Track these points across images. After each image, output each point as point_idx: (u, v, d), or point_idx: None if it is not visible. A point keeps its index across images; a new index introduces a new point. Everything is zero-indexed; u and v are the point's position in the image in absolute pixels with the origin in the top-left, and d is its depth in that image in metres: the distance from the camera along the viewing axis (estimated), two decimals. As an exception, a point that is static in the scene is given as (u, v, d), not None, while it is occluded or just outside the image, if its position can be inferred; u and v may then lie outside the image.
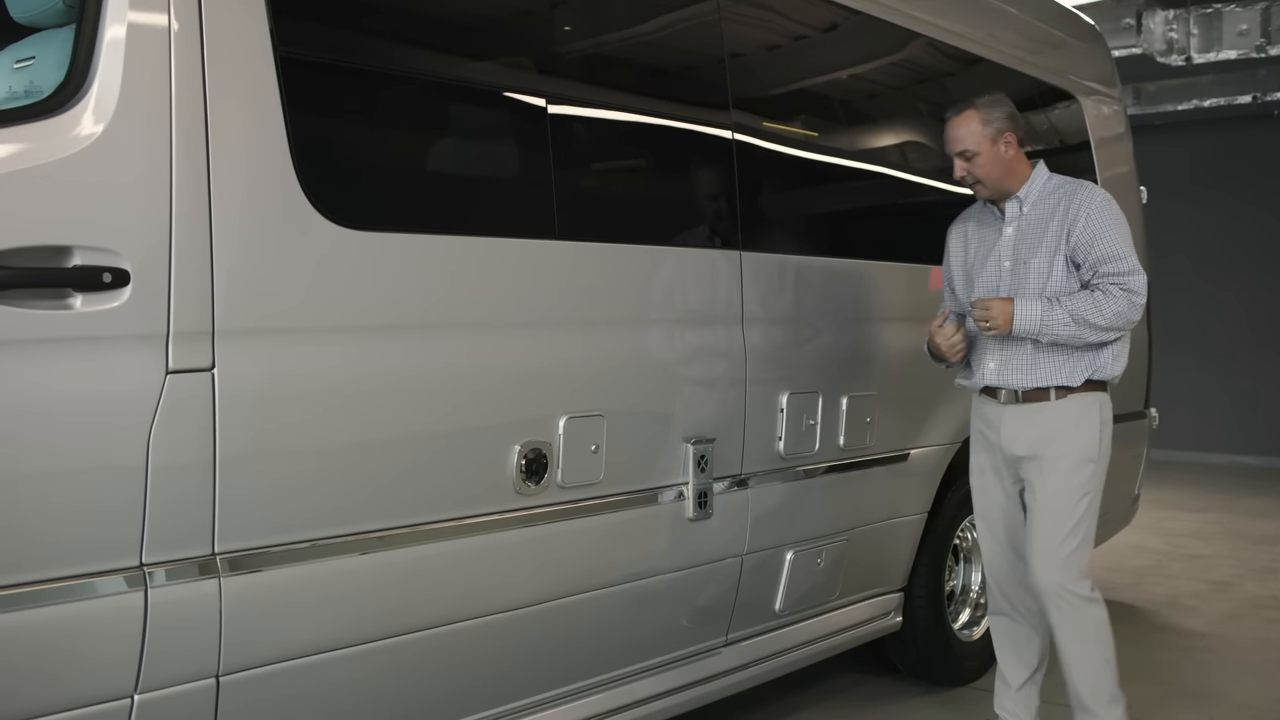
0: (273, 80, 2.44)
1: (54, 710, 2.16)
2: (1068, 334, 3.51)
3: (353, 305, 2.57)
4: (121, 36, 2.23)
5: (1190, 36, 8.99)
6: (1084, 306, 3.49)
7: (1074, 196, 3.61)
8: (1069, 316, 3.49)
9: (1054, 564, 3.59)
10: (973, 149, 3.61)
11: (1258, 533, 8.24)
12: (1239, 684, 4.81)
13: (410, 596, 2.72)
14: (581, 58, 3.32)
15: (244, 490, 2.38)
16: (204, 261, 2.31)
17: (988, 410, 3.76)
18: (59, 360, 2.13)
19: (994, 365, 3.68)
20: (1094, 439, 3.63)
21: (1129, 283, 3.50)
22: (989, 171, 3.64)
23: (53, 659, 2.15)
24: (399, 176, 2.81)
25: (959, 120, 3.64)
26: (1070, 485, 3.60)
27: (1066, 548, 3.58)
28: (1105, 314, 3.48)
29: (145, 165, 2.24)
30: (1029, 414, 3.65)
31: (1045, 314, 3.50)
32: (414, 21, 2.86)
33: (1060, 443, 3.60)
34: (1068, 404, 3.61)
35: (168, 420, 2.25)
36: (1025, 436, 3.65)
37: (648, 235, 3.34)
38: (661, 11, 3.50)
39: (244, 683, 2.42)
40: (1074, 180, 3.72)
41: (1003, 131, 3.63)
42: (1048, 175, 3.71)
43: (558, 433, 2.95)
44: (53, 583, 2.13)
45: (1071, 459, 3.60)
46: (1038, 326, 3.51)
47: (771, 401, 3.63)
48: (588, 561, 3.13)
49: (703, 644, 3.60)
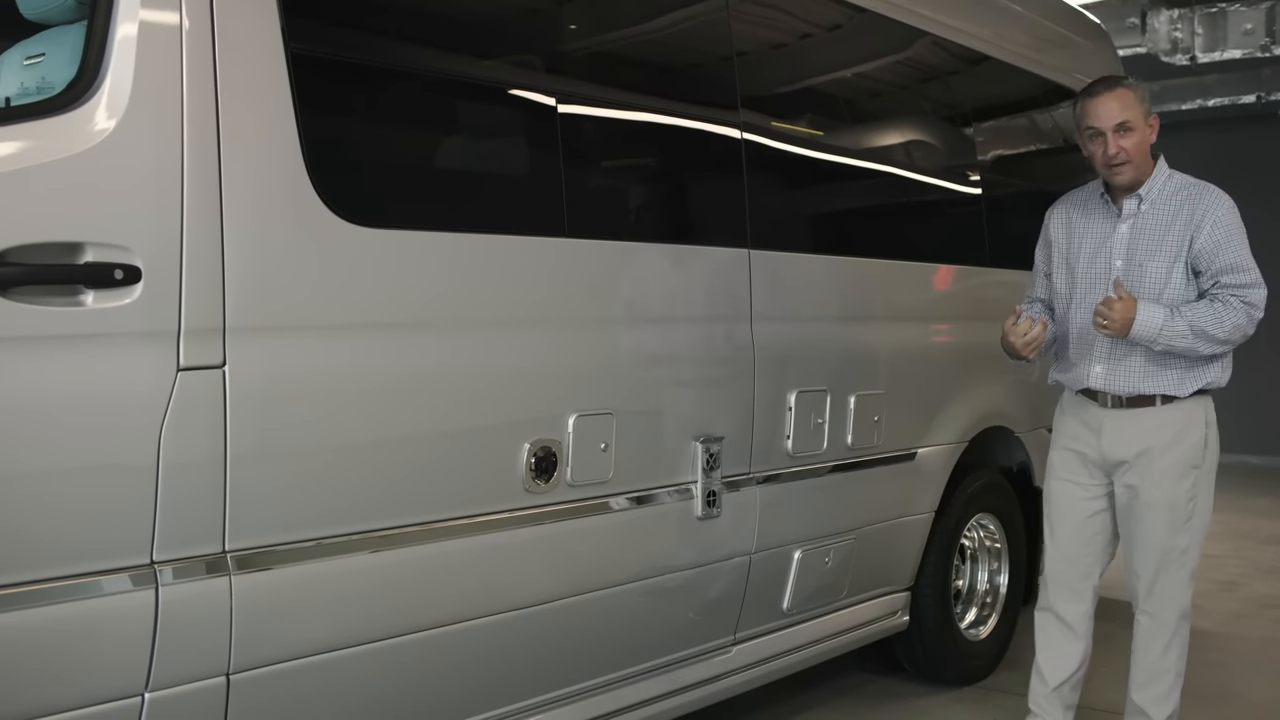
0: (284, 77, 2.43)
1: (66, 708, 2.15)
2: (1184, 345, 3.39)
3: (364, 303, 2.56)
4: (133, 33, 2.23)
5: (1195, 36, 8.98)
6: (1204, 318, 3.39)
7: (1200, 200, 3.49)
8: (1188, 328, 3.38)
9: (1156, 570, 3.54)
10: (1132, 121, 3.43)
11: (1264, 532, 8.24)
12: (1249, 683, 4.81)
13: (420, 595, 2.72)
14: (590, 55, 3.31)
15: (254, 488, 2.38)
16: (215, 258, 2.31)
17: (1086, 412, 3.63)
18: (70, 357, 2.12)
19: (1101, 369, 3.55)
20: (1199, 445, 3.54)
21: (1250, 295, 3.42)
22: (1141, 151, 3.48)
23: (64, 657, 2.15)
24: (411, 174, 2.81)
25: (1115, 94, 3.45)
26: (1177, 493, 3.51)
27: (1172, 555, 3.53)
28: (1225, 327, 3.39)
29: (157, 162, 2.24)
30: (1133, 418, 3.54)
31: (1166, 322, 3.37)
32: (424, 20, 2.86)
33: (1167, 449, 3.51)
34: (1174, 409, 3.51)
35: (179, 417, 2.25)
36: (1129, 441, 3.54)
37: (657, 233, 3.34)
38: (670, 9, 3.50)
39: (254, 681, 2.42)
40: (1198, 182, 3.57)
41: (1150, 112, 3.50)
42: (1169, 173, 3.57)
43: (567, 431, 2.94)
44: (64, 580, 2.13)
45: (1179, 466, 3.51)
46: (1156, 334, 3.38)
47: (780, 400, 3.63)
48: (597, 560, 3.12)
49: (711, 642, 3.59)
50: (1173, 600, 3.56)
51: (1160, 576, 3.56)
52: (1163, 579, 3.56)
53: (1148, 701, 3.64)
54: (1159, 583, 3.56)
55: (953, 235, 4.71)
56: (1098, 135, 3.47)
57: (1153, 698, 3.63)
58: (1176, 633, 3.58)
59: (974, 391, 4.55)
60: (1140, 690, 3.65)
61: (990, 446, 4.75)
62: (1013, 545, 4.93)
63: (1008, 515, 4.90)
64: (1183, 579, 3.56)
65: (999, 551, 4.95)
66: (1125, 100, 3.43)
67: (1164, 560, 3.54)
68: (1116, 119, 3.43)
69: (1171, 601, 3.56)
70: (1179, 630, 3.59)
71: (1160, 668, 3.60)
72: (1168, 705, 3.63)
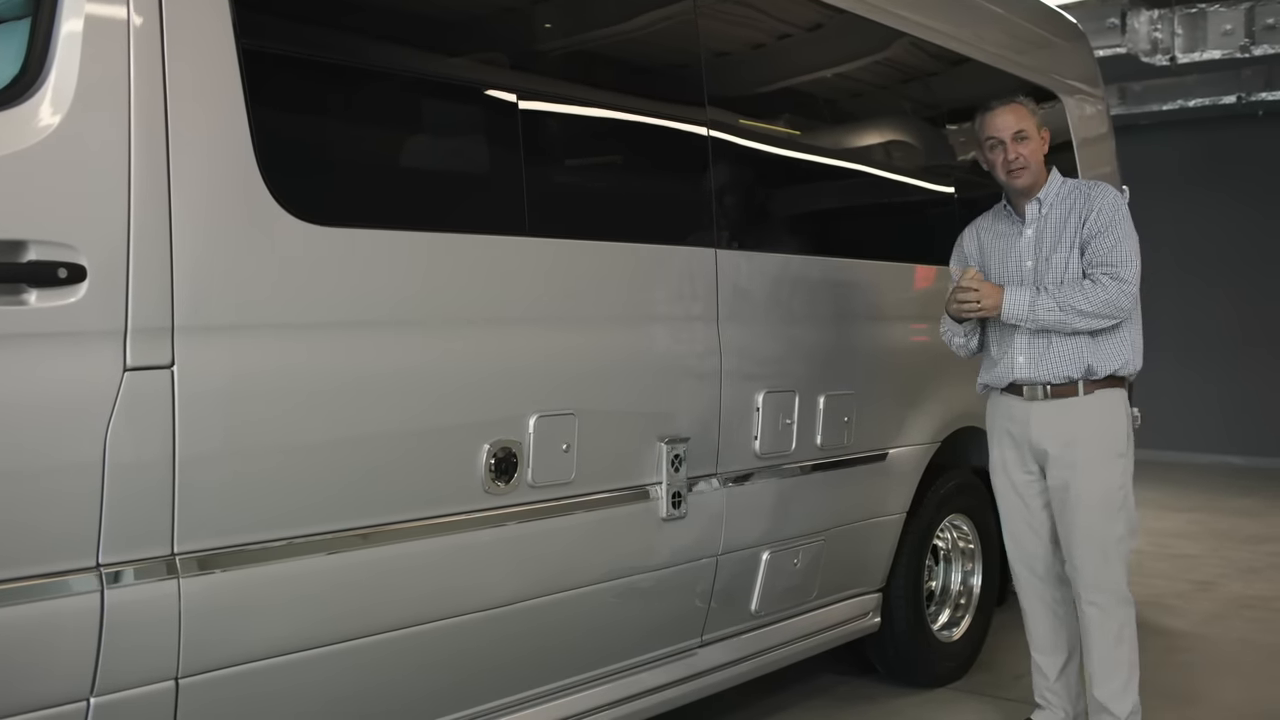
0: (235, 74, 2.40)
1: (8, 713, 2.12)
2: (1053, 319, 3.60)
3: (317, 302, 2.53)
4: (79, 28, 2.19)
5: (1175, 36, 8.99)
6: (1072, 295, 3.60)
7: (1091, 192, 3.76)
8: (1055, 303, 3.59)
9: (1099, 560, 3.70)
10: (1027, 131, 3.71)
11: (1243, 532, 8.24)
12: (1220, 685, 4.80)
13: (378, 597, 2.69)
14: (554, 52, 3.28)
15: (205, 489, 2.35)
16: (164, 257, 2.28)
17: (1013, 407, 3.81)
18: (13, 357, 2.09)
19: (1024, 360, 3.74)
20: (1122, 433, 3.74)
21: (1119, 271, 3.60)
22: (1036, 157, 3.75)
23: (5, 661, 2.11)
24: (365, 172, 2.77)
25: (1010, 107, 3.74)
26: (1108, 481, 3.70)
27: (1110, 542, 3.70)
28: (1093, 301, 3.58)
29: (103, 159, 2.21)
30: (1057, 409, 3.72)
31: (1033, 300, 3.61)
32: (381, 15, 2.83)
33: (1092, 438, 3.70)
34: (1095, 399, 3.70)
35: (125, 418, 2.21)
36: (1055, 432, 3.72)
37: (621, 232, 3.30)
38: (637, 6, 3.47)
39: (205, 685, 2.39)
40: (1089, 181, 3.89)
41: (1042, 125, 3.80)
42: (1062, 180, 3.83)
43: (528, 431, 2.92)
44: (5, 584, 2.09)
45: (1105, 454, 3.71)
46: (1026, 311, 3.61)
47: (747, 400, 3.61)
48: (560, 561, 3.10)
49: (678, 644, 3.57)
50: (1115, 587, 3.73)
51: (1102, 565, 3.70)
52: (1104, 567, 3.70)
53: (1109, 697, 3.73)
54: (1101, 571, 3.71)
55: (925, 235, 4.69)
56: (997, 145, 3.75)
57: (1113, 693, 3.72)
58: (1124, 620, 3.73)
59: (947, 391, 4.53)
60: (1101, 686, 3.75)
61: (963, 447, 4.73)
62: (986, 546, 4.92)
63: (981, 516, 4.88)
64: (1121, 566, 3.74)
65: (973, 552, 4.94)
66: (1019, 112, 3.74)
67: (1104, 549, 3.70)
68: (1014, 128, 3.72)
69: (1115, 588, 3.72)
70: (1126, 617, 3.74)
71: (1115, 659, 3.72)
72: (1128, 700, 3.73)
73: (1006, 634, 4.89)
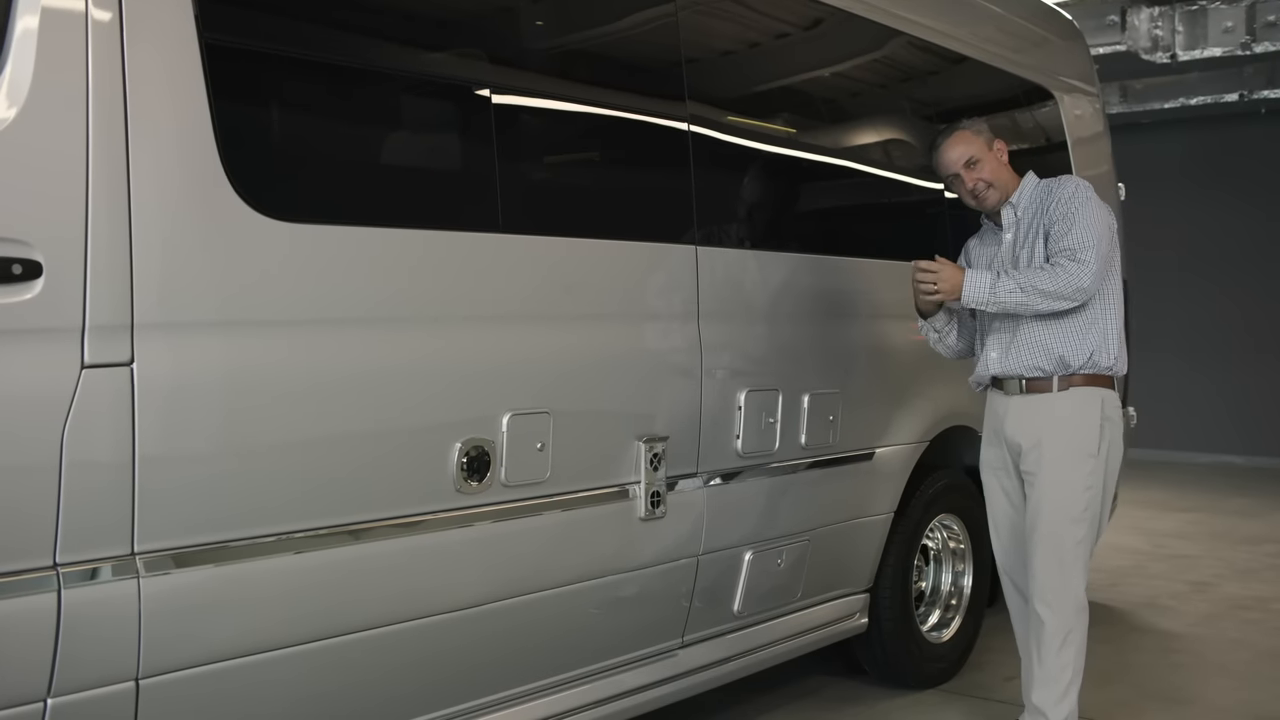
0: (197, 67, 2.37)
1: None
2: (1015, 300, 3.58)
3: (283, 299, 2.50)
4: (35, 19, 2.17)
5: (1175, 34, 8.92)
6: (1031, 275, 3.59)
7: (1053, 185, 3.78)
8: (1016, 285, 3.57)
9: (1054, 564, 3.65)
10: (975, 155, 3.74)
11: (1241, 533, 8.19)
12: (1213, 686, 4.75)
13: (346, 597, 2.66)
14: (529, 47, 3.25)
15: (166, 488, 2.32)
16: (123, 253, 2.25)
17: (995, 402, 3.84)
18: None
19: (996, 355, 3.75)
20: (1094, 433, 3.66)
21: (1078, 254, 3.58)
22: (997, 174, 3.76)
23: (-42, 661, 2.09)
24: (329, 167, 2.74)
25: (954, 139, 3.78)
26: (1071, 479, 3.65)
27: (1067, 548, 3.64)
28: (1054, 280, 3.56)
29: (59, 153, 2.18)
30: (1032, 404, 3.70)
31: (993, 283, 3.59)
32: (349, 8, 2.80)
33: (1061, 435, 3.66)
34: (1069, 395, 3.67)
35: (83, 416, 2.19)
36: (1028, 427, 3.70)
37: (598, 228, 3.26)
38: (616, 1, 3.43)
39: (166, 685, 2.36)
40: (1059, 177, 3.87)
41: (993, 140, 3.81)
42: (1036, 181, 3.84)
43: (500, 430, 2.88)
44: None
45: (1072, 454, 3.65)
46: (987, 294, 3.59)
47: (729, 399, 3.57)
48: (535, 562, 3.06)
49: (658, 645, 3.54)
50: (1070, 593, 3.66)
51: (1057, 570, 3.65)
52: (1058, 572, 3.64)
53: (1047, 702, 3.68)
54: (1055, 576, 3.65)
55: (912, 232, 4.65)
56: (955, 178, 3.80)
57: (1050, 699, 3.67)
58: (1073, 626, 3.66)
59: (935, 390, 4.49)
60: (1039, 690, 3.70)
61: (953, 446, 4.70)
62: (977, 547, 4.86)
63: (972, 517, 4.83)
64: (1078, 571, 3.67)
65: (963, 553, 4.90)
66: (963, 140, 3.77)
67: (1060, 554, 3.64)
68: (962, 159, 3.75)
69: (1067, 594, 3.65)
70: (1077, 624, 3.67)
71: (1058, 664, 3.67)
72: (1065, 706, 3.68)
73: (998, 635, 4.84)
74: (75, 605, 2.20)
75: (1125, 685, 4.66)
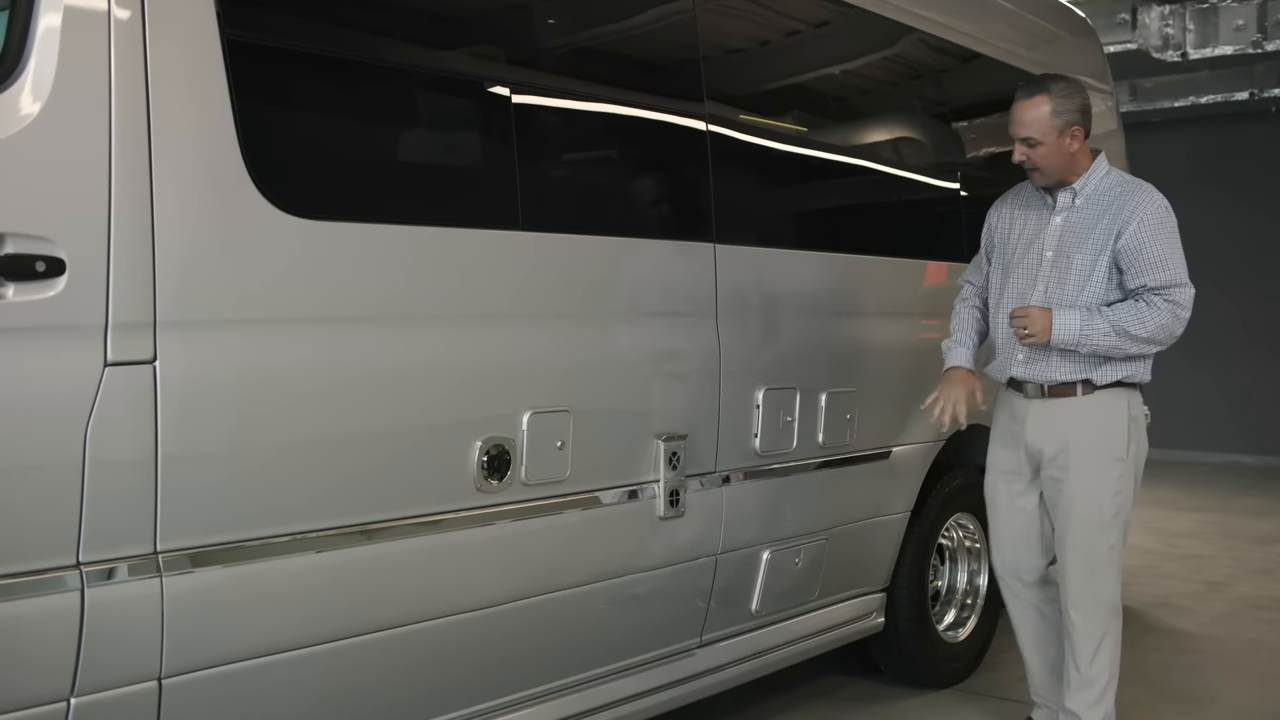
0: (220, 65, 2.36)
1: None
2: (1107, 345, 3.41)
3: (303, 297, 2.49)
4: (59, 16, 2.16)
5: (1186, 32, 8.89)
6: (1125, 317, 3.40)
7: (1130, 197, 3.49)
8: (1109, 327, 3.39)
9: (1087, 570, 3.56)
10: (1037, 137, 3.46)
11: (1254, 532, 8.17)
12: (1229, 686, 4.74)
13: (367, 596, 2.65)
14: (547, 45, 3.24)
15: (188, 487, 2.31)
16: (145, 250, 2.24)
17: (1014, 404, 3.68)
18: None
19: (1023, 357, 3.58)
20: (1122, 436, 3.54)
21: (1174, 295, 3.42)
22: (1050, 161, 3.49)
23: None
24: (351, 164, 2.73)
25: (1029, 104, 3.46)
26: (1101, 486, 3.53)
27: (1100, 553, 3.55)
28: (1148, 326, 3.39)
29: (82, 150, 2.17)
30: (1055, 409, 3.56)
31: (1084, 323, 3.40)
32: (369, 6, 2.79)
33: (1089, 439, 3.53)
34: (1094, 399, 3.53)
35: (106, 414, 2.18)
36: (1052, 432, 3.57)
37: (617, 227, 3.26)
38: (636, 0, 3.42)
39: (189, 685, 2.35)
40: (1133, 180, 3.59)
41: (1071, 124, 3.47)
42: (1106, 169, 3.58)
43: (521, 429, 2.87)
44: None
45: (1101, 458, 3.53)
46: (1076, 336, 3.40)
47: (747, 397, 3.56)
48: (554, 561, 3.05)
49: (677, 645, 3.53)
50: (1104, 598, 3.59)
51: (1090, 576, 3.58)
52: (1092, 578, 3.57)
53: (1082, 707, 3.63)
54: (1089, 582, 3.58)
55: (930, 230, 4.63)
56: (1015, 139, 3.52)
57: (1086, 703, 3.63)
58: (1108, 630, 3.60)
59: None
60: (1074, 695, 3.64)
61: (969, 445, 4.66)
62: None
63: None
64: (1113, 576, 3.59)
65: (979, 552, 4.88)
66: (1038, 112, 3.45)
67: (1094, 559, 3.56)
68: (1023, 132, 3.48)
69: (1103, 599, 3.59)
70: (1110, 628, 3.61)
71: (1094, 671, 3.61)
72: (1101, 709, 3.63)
73: (1012, 634, 4.81)
74: (98, 604, 2.19)
75: (1141, 685, 4.63)
